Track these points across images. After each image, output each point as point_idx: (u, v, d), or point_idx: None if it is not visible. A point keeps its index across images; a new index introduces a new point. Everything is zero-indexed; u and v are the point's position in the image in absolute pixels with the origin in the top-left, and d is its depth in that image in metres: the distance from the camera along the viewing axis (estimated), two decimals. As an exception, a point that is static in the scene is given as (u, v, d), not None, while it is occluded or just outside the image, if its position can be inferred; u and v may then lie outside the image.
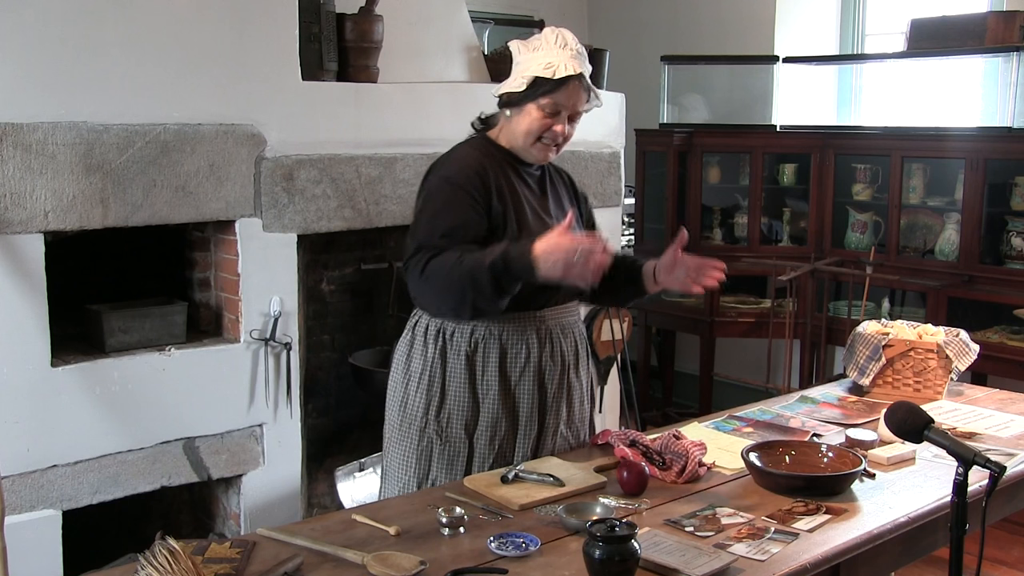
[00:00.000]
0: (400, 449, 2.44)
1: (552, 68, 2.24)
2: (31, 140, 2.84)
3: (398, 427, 2.45)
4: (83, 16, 2.94)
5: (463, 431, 2.37)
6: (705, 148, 5.43)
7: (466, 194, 2.25)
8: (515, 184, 2.35)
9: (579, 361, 2.48)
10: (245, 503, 3.38)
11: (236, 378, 3.31)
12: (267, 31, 3.31)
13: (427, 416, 2.38)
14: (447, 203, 2.26)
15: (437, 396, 2.38)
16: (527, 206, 2.35)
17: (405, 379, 2.44)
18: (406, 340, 2.47)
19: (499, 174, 2.32)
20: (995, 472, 1.76)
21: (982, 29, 4.60)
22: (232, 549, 1.88)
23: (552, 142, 2.33)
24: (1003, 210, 4.51)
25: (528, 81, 2.26)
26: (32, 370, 2.90)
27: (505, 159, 2.37)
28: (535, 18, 6.02)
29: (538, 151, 2.35)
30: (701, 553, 1.85)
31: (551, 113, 2.28)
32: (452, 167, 2.31)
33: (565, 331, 2.44)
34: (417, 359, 2.42)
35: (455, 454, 2.38)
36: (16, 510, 2.87)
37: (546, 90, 2.26)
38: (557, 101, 2.27)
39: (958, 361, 3.01)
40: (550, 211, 2.42)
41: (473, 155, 2.34)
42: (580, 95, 2.29)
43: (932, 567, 3.49)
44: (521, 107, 2.30)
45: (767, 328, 5.19)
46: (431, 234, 2.23)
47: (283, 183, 3.35)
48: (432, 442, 2.38)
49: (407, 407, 2.42)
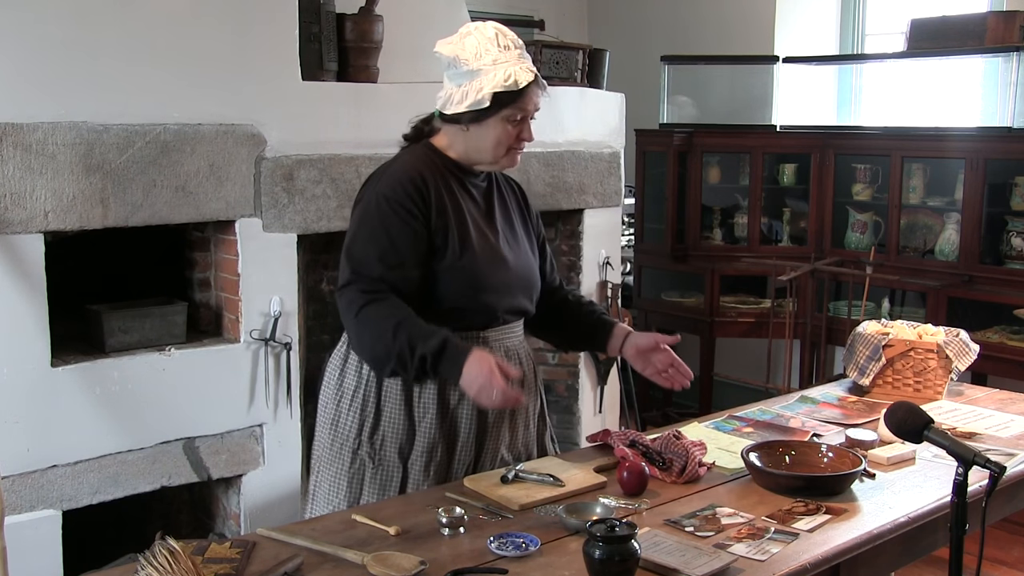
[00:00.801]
0: (331, 470, 2.32)
1: (512, 78, 2.17)
2: (31, 140, 2.84)
3: (328, 447, 2.33)
4: (83, 16, 2.94)
5: (397, 455, 2.27)
6: (705, 148, 5.43)
7: (406, 212, 2.17)
8: (458, 197, 2.26)
9: (524, 383, 2.34)
10: (245, 503, 3.38)
11: (236, 378, 3.31)
12: (267, 31, 3.31)
13: (360, 438, 2.28)
14: (384, 223, 2.17)
15: (371, 417, 2.27)
16: (470, 221, 2.26)
17: (337, 396, 2.33)
18: (340, 354, 2.36)
19: (441, 187, 2.23)
20: (995, 472, 1.76)
21: (982, 29, 4.60)
22: (232, 549, 1.88)
23: (520, 148, 2.28)
24: (1003, 210, 4.51)
25: (490, 97, 2.17)
26: (32, 370, 2.90)
27: (449, 170, 2.28)
28: (535, 18, 6.01)
29: (508, 160, 2.28)
30: (701, 553, 1.85)
31: (518, 121, 2.23)
32: (392, 182, 2.20)
33: (509, 353, 2.33)
34: (351, 376, 2.31)
35: (388, 478, 2.27)
36: (16, 510, 2.87)
37: (509, 101, 2.18)
38: (522, 108, 2.21)
39: (958, 361, 3.01)
40: (496, 225, 2.32)
41: (414, 167, 2.23)
42: (538, 94, 2.24)
43: (932, 567, 3.49)
44: (483, 122, 2.21)
45: (767, 328, 5.19)
46: (367, 258, 2.15)
47: (283, 183, 3.35)
48: (364, 465, 2.28)
49: (339, 426, 2.31)
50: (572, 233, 4.38)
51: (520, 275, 2.34)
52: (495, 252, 2.28)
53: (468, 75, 2.20)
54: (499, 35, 2.24)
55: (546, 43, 4.20)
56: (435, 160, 2.28)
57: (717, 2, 5.92)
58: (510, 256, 2.31)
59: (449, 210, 2.23)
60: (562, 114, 4.16)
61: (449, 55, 2.24)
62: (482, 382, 2.04)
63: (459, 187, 2.28)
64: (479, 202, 2.32)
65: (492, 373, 2.03)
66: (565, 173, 4.20)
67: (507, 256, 2.30)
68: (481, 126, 2.22)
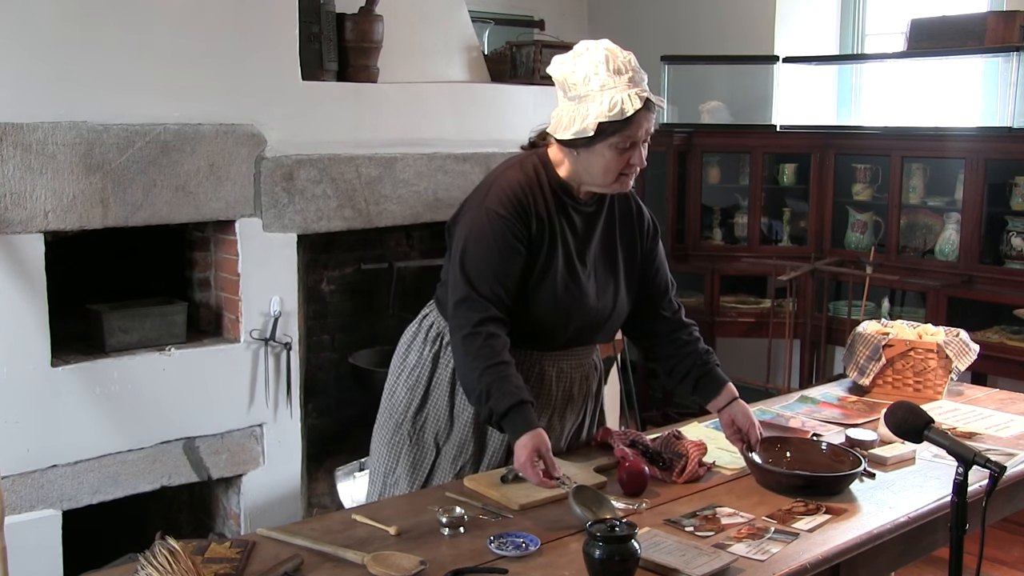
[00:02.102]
0: (379, 434, 2.45)
1: (617, 107, 2.08)
2: (31, 140, 2.84)
3: (383, 413, 2.46)
4: (83, 16, 2.94)
5: (433, 441, 2.36)
6: (705, 148, 5.43)
7: (513, 233, 2.16)
8: (557, 221, 2.23)
9: (569, 405, 2.40)
10: (245, 503, 3.38)
11: (236, 378, 3.31)
12: (267, 31, 3.31)
13: (405, 414, 2.38)
14: (496, 240, 2.16)
15: (419, 397, 2.37)
16: (561, 250, 2.23)
17: (400, 369, 2.43)
18: (412, 330, 2.46)
19: (543, 212, 2.21)
20: (995, 472, 1.76)
21: (982, 29, 4.60)
22: (232, 549, 1.88)
23: (631, 173, 2.20)
24: (1003, 210, 4.51)
25: (594, 127, 2.10)
26: (32, 370, 2.90)
27: (555, 192, 2.23)
28: (535, 18, 6.01)
29: (619, 185, 2.21)
30: (701, 553, 1.85)
31: (627, 148, 2.14)
32: (502, 199, 2.18)
33: (562, 375, 2.36)
34: (415, 353, 2.41)
35: (420, 459, 2.36)
36: (16, 510, 2.87)
37: (615, 130, 2.11)
38: (630, 135, 2.12)
39: (958, 361, 3.01)
40: (587, 257, 2.28)
41: (522, 186, 2.20)
42: (650, 119, 2.15)
43: (932, 567, 3.49)
44: (591, 148, 2.15)
45: (767, 328, 5.19)
46: (481, 274, 2.15)
47: (283, 183, 3.35)
48: (404, 441, 2.38)
49: (392, 397, 2.42)
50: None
51: (597, 312, 2.32)
52: (576, 285, 2.26)
53: (576, 99, 2.14)
54: (610, 57, 2.12)
55: (546, 43, 4.19)
56: (544, 178, 2.24)
57: (717, 2, 5.92)
58: (592, 291, 2.29)
59: (546, 233, 2.21)
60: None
61: (559, 79, 2.17)
62: (519, 464, 2.07)
63: (560, 212, 2.24)
64: (578, 228, 2.27)
65: (531, 463, 2.05)
66: (565, 173, 4.19)
67: (588, 291, 2.28)
68: (590, 152, 2.16)
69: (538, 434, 2.07)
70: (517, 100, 3.99)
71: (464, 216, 2.25)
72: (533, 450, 2.05)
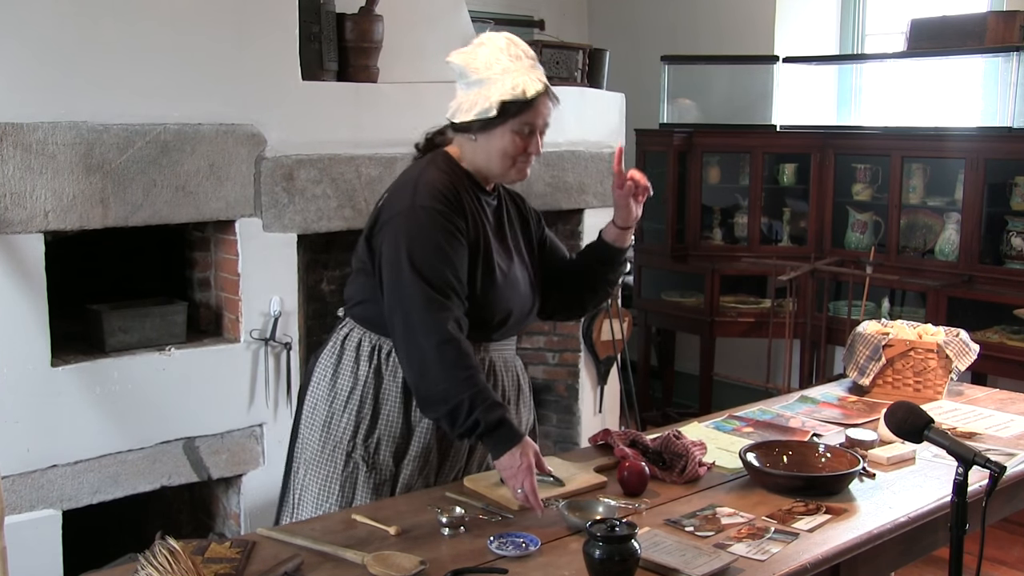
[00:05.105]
0: (321, 473, 2.28)
1: (519, 88, 2.13)
2: (31, 140, 2.84)
3: (319, 449, 2.28)
4: (83, 16, 2.94)
5: (391, 458, 2.25)
6: (705, 148, 5.43)
7: (453, 225, 2.13)
8: (480, 214, 2.24)
9: (520, 396, 2.38)
10: (245, 503, 3.38)
11: (236, 378, 3.31)
12: (267, 31, 3.31)
13: (355, 440, 2.25)
14: (438, 235, 2.12)
15: (368, 419, 2.25)
16: (492, 241, 2.24)
17: (330, 397, 2.28)
18: (332, 353, 2.32)
19: (469, 201, 2.21)
20: (995, 472, 1.76)
21: (982, 29, 4.60)
22: (232, 549, 1.88)
23: (528, 161, 2.22)
24: (1003, 210, 4.51)
25: (497, 106, 2.13)
26: (32, 370, 2.90)
27: (470, 185, 2.24)
28: (535, 18, 6.02)
29: (516, 172, 2.22)
30: (701, 553, 1.85)
31: (527, 133, 2.17)
32: (432, 192, 2.14)
33: (507, 365, 2.34)
34: (345, 376, 2.28)
35: (381, 482, 2.26)
36: (16, 510, 2.87)
37: (517, 111, 2.14)
38: (530, 121, 2.16)
39: (958, 361, 3.01)
40: (508, 244, 2.30)
41: (445, 179, 2.18)
42: (549, 106, 2.19)
43: (932, 567, 3.49)
44: (490, 131, 2.17)
45: (767, 328, 5.19)
46: (437, 272, 2.09)
47: (283, 183, 3.35)
48: (358, 467, 2.25)
49: (331, 428, 2.27)
50: (572, 233, 4.38)
51: (527, 297, 2.33)
52: (510, 273, 2.27)
53: (477, 84, 2.17)
54: (510, 45, 2.19)
55: (546, 43, 4.20)
56: (458, 172, 2.24)
57: (717, 2, 5.92)
58: (520, 278, 2.30)
59: (478, 226, 2.21)
60: (562, 114, 4.11)
61: (460, 64, 2.20)
62: (515, 474, 2.04)
63: (477, 203, 2.25)
64: (490, 220, 2.28)
65: (528, 472, 2.03)
66: (565, 173, 4.20)
67: (519, 278, 2.29)
68: (489, 136, 2.18)
69: (528, 442, 2.07)
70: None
71: (391, 221, 2.16)
72: (529, 459, 2.04)
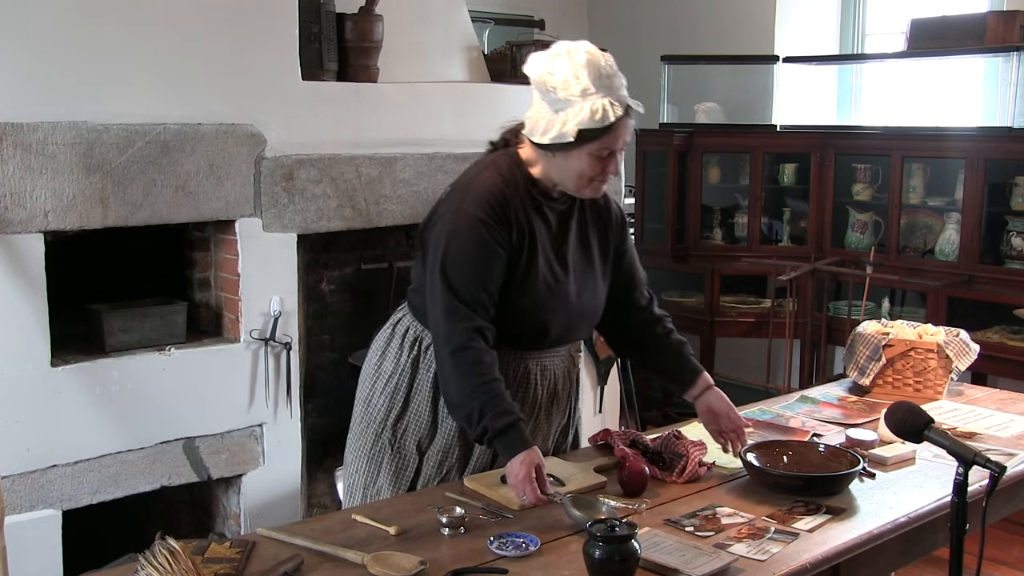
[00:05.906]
0: (356, 445, 2.39)
1: (599, 114, 2.05)
2: (31, 140, 2.84)
3: (358, 422, 2.40)
4: (83, 16, 2.94)
5: (415, 447, 2.30)
6: (705, 148, 5.43)
7: (494, 237, 2.12)
8: (533, 220, 2.19)
9: (555, 402, 2.38)
10: (245, 503, 3.38)
11: (236, 378, 3.31)
12: (267, 31, 3.31)
13: (385, 422, 2.32)
14: (477, 245, 2.12)
15: (399, 404, 2.31)
16: (540, 249, 2.20)
17: (374, 377, 2.37)
18: (384, 336, 2.39)
19: (520, 211, 2.17)
20: (995, 472, 1.76)
21: (982, 29, 4.60)
22: (232, 549, 1.88)
23: (604, 180, 2.18)
24: (1003, 210, 4.51)
25: (575, 134, 2.07)
26: (32, 370, 2.90)
27: (529, 190, 2.20)
28: (535, 18, 6.01)
29: (591, 190, 2.19)
30: (701, 553, 1.85)
31: (606, 155, 2.12)
32: (480, 202, 2.13)
33: (545, 373, 2.33)
34: (390, 359, 2.35)
35: (403, 467, 2.31)
36: (16, 510, 2.87)
37: (595, 136, 2.08)
38: (608, 145, 2.11)
39: (958, 361, 3.01)
40: (566, 254, 2.26)
41: (499, 187, 2.16)
42: (628, 127, 2.13)
43: (932, 567, 3.49)
44: (567, 152, 2.12)
45: (767, 328, 5.19)
46: (465, 281, 2.10)
47: (283, 183, 3.35)
48: (384, 449, 2.32)
49: (370, 405, 2.36)
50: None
51: (580, 310, 2.30)
52: (558, 285, 2.24)
53: (555, 104, 2.10)
54: (591, 61, 2.08)
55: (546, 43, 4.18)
56: (518, 177, 2.20)
57: (717, 2, 5.92)
58: (573, 290, 2.27)
59: (525, 236, 2.18)
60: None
61: (537, 79, 2.12)
62: (516, 482, 2.05)
63: (535, 211, 2.21)
64: (553, 227, 2.24)
65: (528, 481, 2.03)
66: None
67: (570, 291, 2.26)
68: (566, 156, 2.13)
69: (534, 451, 2.07)
70: (517, 100, 3.96)
71: (440, 221, 2.18)
72: (531, 467, 2.04)
